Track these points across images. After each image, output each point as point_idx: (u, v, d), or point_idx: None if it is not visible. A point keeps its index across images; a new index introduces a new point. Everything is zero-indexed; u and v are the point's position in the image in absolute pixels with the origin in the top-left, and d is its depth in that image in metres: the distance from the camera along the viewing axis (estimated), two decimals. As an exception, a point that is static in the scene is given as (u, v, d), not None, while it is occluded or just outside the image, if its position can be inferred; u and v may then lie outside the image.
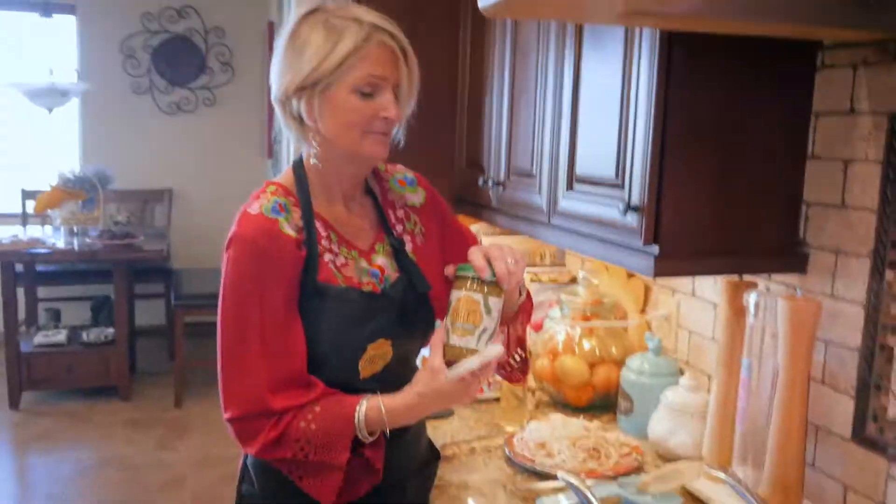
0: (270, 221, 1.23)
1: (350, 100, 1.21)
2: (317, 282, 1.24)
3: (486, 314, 1.19)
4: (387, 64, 1.22)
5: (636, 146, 1.34)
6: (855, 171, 1.32)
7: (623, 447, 1.60)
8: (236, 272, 1.22)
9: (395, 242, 1.34)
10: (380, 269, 1.32)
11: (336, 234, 1.30)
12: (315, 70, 1.20)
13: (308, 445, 1.20)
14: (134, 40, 5.72)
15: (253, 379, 1.21)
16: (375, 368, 1.29)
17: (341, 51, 1.19)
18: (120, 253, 4.46)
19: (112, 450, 3.96)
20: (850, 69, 1.32)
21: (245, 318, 1.21)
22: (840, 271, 1.35)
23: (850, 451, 1.33)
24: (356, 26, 1.20)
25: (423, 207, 1.42)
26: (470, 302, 1.19)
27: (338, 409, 1.21)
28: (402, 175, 1.43)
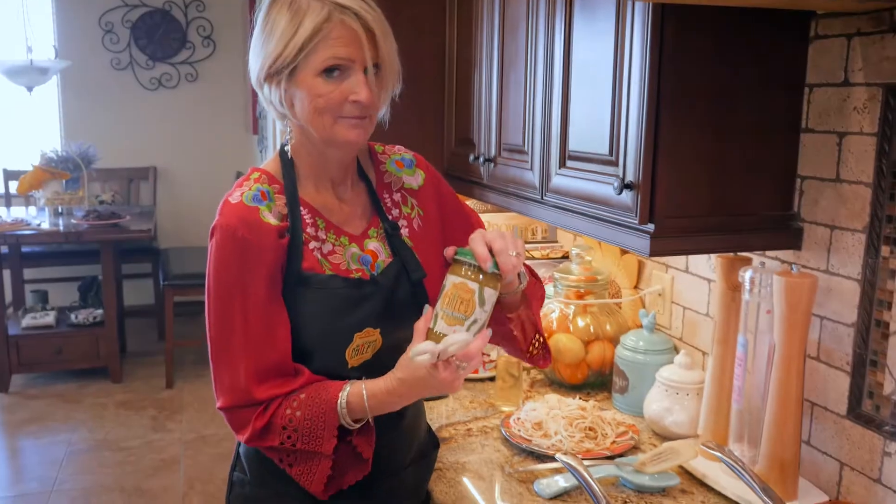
0: (251, 210, 1.21)
1: (317, 84, 1.17)
2: (301, 270, 1.22)
3: (479, 305, 1.15)
4: (351, 44, 1.16)
5: (630, 122, 1.32)
6: (849, 144, 1.30)
7: (619, 426, 1.60)
8: (218, 262, 1.21)
9: (388, 227, 1.31)
10: (372, 255, 1.29)
11: (324, 220, 1.27)
12: (280, 55, 1.16)
13: (294, 433, 1.20)
14: (112, 15, 5.62)
15: (237, 370, 1.20)
16: (365, 357, 1.27)
17: (302, 34, 1.14)
18: (106, 233, 4.42)
19: (104, 432, 3.95)
20: (843, 39, 1.30)
21: (228, 309, 1.20)
22: (835, 246, 1.34)
23: (846, 427, 1.33)
24: (318, 6, 1.15)
25: (422, 189, 1.38)
26: (464, 290, 1.15)
27: (322, 396, 1.20)
28: (401, 157, 1.39)
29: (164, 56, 5.74)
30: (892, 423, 1.24)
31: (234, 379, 1.20)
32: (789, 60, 1.36)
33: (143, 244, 5.26)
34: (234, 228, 1.19)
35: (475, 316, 1.15)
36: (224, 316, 1.21)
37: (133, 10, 5.65)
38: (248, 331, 1.19)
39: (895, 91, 1.21)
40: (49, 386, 4.52)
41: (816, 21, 1.34)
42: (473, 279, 1.15)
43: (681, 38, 1.27)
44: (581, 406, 1.64)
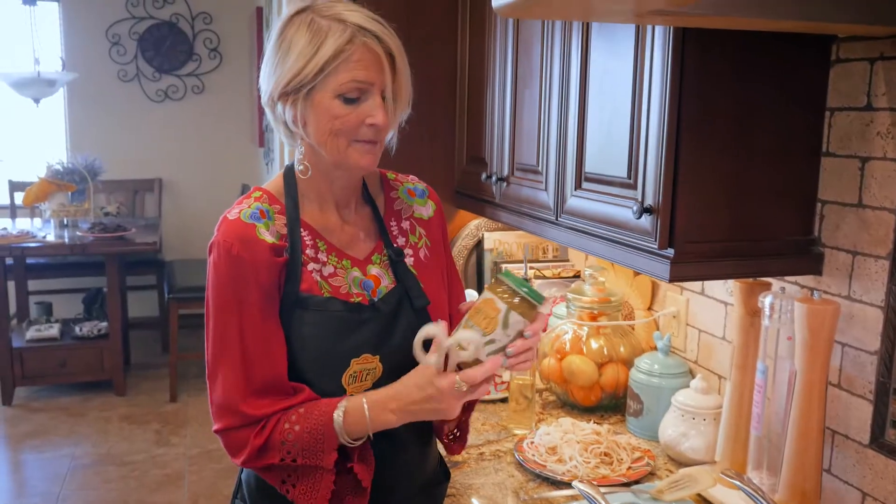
0: (247, 227, 1.20)
1: (334, 106, 1.16)
2: (299, 292, 1.21)
3: (501, 327, 1.12)
4: (371, 68, 1.15)
5: (649, 144, 1.30)
6: (872, 170, 1.28)
7: (634, 451, 1.57)
8: (215, 280, 1.20)
9: (392, 253, 1.29)
10: (374, 280, 1.27)
11: (325, 242, 1.26)
12: (297, 75, 1.15)
13: (294, 448, 1.17)
14: (119, 27, 5.63)
15: (233, 387, 1.18)
16: (364, 385, 1.24)
17: (323, 55, 1.13)
18: (112, 246, 4.40)
19: (108, 446, 3.93)
20: (866, 63, 1.29)
21: (224, 327, 1.19)
22: (857, 272, 1.32)
23: (869, 457, 1.31)
24: (340, 28, 1.14)
25: (431, 221, 1.37)
26: (491, 307, 1.13)
27: (321, 408, 1.18)
28: (413, 186, 1.39)
29: (170, 68, 5.74)
30: (916, 453, 1.22)
31: (230, 398, 1.18)
32: (810, 84, 1.34)
33: (147, 256, 5.25)
34: (230, 245, 1.18)
35: (493, 336, 1.12)
36: (219, 335, 1.20)
37: (140, 22, 5.66)
38: (244, 348, 1.18)
39: (920, 117, 1.19)
40: (52, 399, 4.50)
41: (838, 45, 1.33)
42: (503, 299, 1.13)
43: (702, 60, 1.25)
44: (596, 430, 1.61)
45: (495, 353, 1.13)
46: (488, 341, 1.13)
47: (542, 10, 1.12)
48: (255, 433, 1.18)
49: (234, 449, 1.20)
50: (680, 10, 1.04)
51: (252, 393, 1.18)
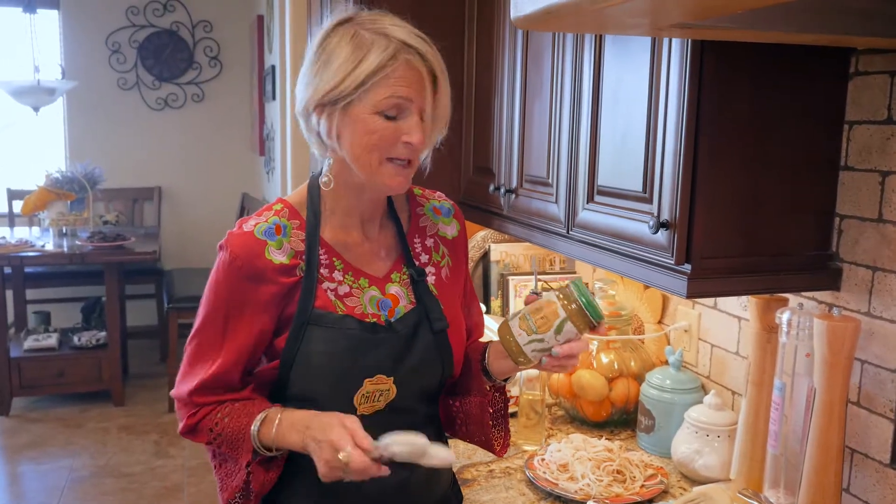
0: (258, 243, 1.19)
1: (371, 121, 1.13)
2: (313, 308, 1.19)
3: (554, 332, 1.17)
4: (413, 85, 1.13)
5: (666, 158, 1.28)
6: (893, 184, 1.26)
7: (647, 469, 1.55)
8: (214, 281, 1.23)
9: (414, 272, 1.27)
10: (392, 299, 1.25)
11: (342, 261, 1.24)
12: (337, 87, 1.13)
13: (219, 437, 1.22)
14: (119, 35, 5.61)
15: (195, 375, 1.23)
16: (377, 406, 1.22)
17: (365, 69, 1.11)
18: (111, 255, 4.37)
19: (106, 457, 3.89)
20: (886, 76, 1.27)
21: (213, 324, 1.23)
22: (877, 288, 1.30)
23: (889, 476, 1.28)
24: (384, 42, 1.12)
25: (456, 240, 1.36)
26: (553, 311, 1.17)
27: (248, 411, 1.21)
28: (440, 204, 1.37)
29: (170, 76, 5.72)
30: (939, 473, 1.20)
31: (189, 382, 1.24)
32: (828, 97, 1.32)
33: (146, 265, 5.22)
34: (235, 257, 1.19)
35: (544, 337, 1.18)
36: (206, 325, 1.23)
37: (140, 30, 5.64)
38: (220, 347, 1.22)
39: (944, 131, 1.17)
40: (50, 409, 4.46)
41: (857, 57, 1.31)
42: (565, 307, 1.17)
43: (719, 73, 1.23)
44: (608, 447, 1.58)
45: (540, 352, 1.19)
46: (538, 339, 1.18)
47: (559, 23, 1.10)
48: (189, 414, 1.24)
49: (180, 418, 1.27)
50: (700, 23, 1.02)
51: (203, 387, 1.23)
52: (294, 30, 3.87)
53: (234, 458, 1.23)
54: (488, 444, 1.36)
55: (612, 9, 0.88)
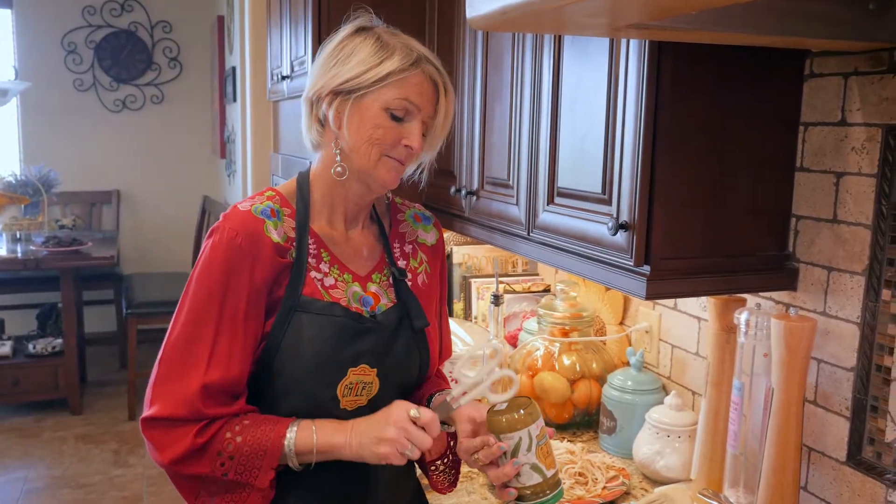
0: (256, 221, 1.20)
1: (380, 116, 1.20)
2: (301, 294, 1.20)
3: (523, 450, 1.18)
4: (425, 95, 1.21)
5: (624, 159, 1.28)
6: (847, 185, 1.28)
7: (609, 471, 1.55)
8: (208, 262, 1.17)
9: (396, 272, 1.30)
10: (373, 297, 1.27)
11: (329, 253, 1.25)
12: (356, 77, 1.19)
13: (230, 461, 1.13)
14: (75, 35, 5.50)
15: (191, 379, 1.13)
16: (359, 401, 1.22)
17: (387, 67, 1.18)
18: (67, 260, 4.28)
19: (63, 468, 3.80)
20: (840, 78, 1.28)
21: (204, 313, 1.15)
22: (832, 288, 1.31)
23: (846, 474, 1.30)
24: (406, 50, 1.21)
25: (435, 248, 1.39)
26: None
27: (269, 424, 1.15)
28: (420, 211, 1.42)
29: (128, 77, 5.63)
30: (894, 470, 1.21)
31: (185, 388, 1.13)
32: (784, 99, 1.33)
33: (105, 270, 5.11)
34: (235, 234, 1.17)
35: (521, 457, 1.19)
36: (197, 320, 1.15)
37: (97, 30, 5.54)
38: (217, 342, 1.15)
39: (895, 132, 1.18)
40: (5, 419, 4.35)
41: (811, 59, 1.32)
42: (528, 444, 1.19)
43: (677, 74, 1.23)
44: (569, 450, 1.58)
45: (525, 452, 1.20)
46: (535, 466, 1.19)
47: (516, 24, 1.10)
48: (196, 431, 1.12)
49: (164, 444, 1.13)
50: (657, 24, 1.02)
51: (207, 389, 1.13)
52: (254, 31, 3.82)
53: (243, 483, 1.14)
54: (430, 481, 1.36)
55: (568, 8, 0.88)
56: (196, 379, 1.13)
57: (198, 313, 1.16)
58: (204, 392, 1.13)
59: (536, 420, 1.19)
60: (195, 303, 1.16)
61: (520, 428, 1.17)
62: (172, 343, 1.16)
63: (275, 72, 2.80)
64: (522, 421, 1.17)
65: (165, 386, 1.14)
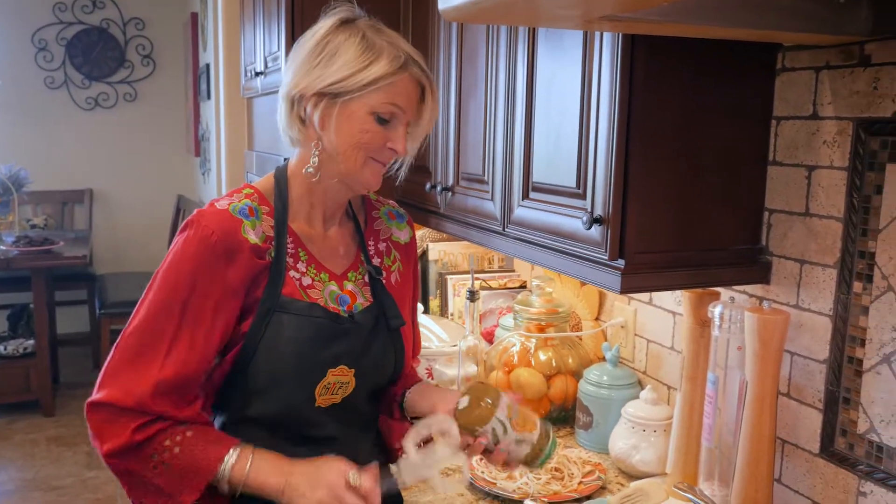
0: (233, 221, 1.17)
1: (366, 120, 1.18)
2: (280, 295, 1.18)
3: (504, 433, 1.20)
4: (411, 97, 1.20)
5: (598, 154, 1.28)
6: (819, 178, 1.28)
7: (585, 465, 1.55)
8: (179, 256, 1.15)
9: (373, 270, 1.29)
10: (350, 296, 1.26)
11: (306, 253, 1.24)
12: (341, 81, 1.16)
13: (163, 467, 1.11)
14: (46, 32, 5.43)
15: (145, 372, 1.11)
16: (334, 399, 1.22)
17: (376, 71, 1.16)
18: (38, 260, 4.21)
19: (35, 470, 3.74)
20: (811, 72, 1.29)
21: (168, 305, 1.13)
22: (805, 281, 1.32)
23: (819, 466, 1.30)
24: (394, 52, 1.19)
25: (408, 246, 1.39)
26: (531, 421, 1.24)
27: (210, 445, 1.13)
28: (394, 209, 1.41)
29: (100, 75, 5.55)
30: (866, 462, 1.22)
31: (137, 379, 1.11)
32: (757, 92, 1.34)
33: (77, 270, 5.05)
34: (210, 232, 1.15)
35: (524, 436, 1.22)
36: (159, 312, 1.13)
37: (68, 27, 5.46)
38: (176, 338, 1.12)
39: (866, 125, 1.19)
40: (-25, 421, 4.28)
41: (783, 54, 1.33)
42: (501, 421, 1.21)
43: (650, 68, 1.24)
44: (546, 445, 1.58)
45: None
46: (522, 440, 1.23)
47: (489, 15, 1.09)
48: (136, 427, 1.10)
49: (104, 432, 1.11)
50: (629, 16, 1.02)
51: (161, 385, 1.11)
52: (227, 27, 3.79)
53: (168, 493, 1.12)
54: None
55: (541, -1, 0.87)
56: (150, 373, 1.11)
57: (161, 306, 1.14)
58: (155, 388, 1.11)
59: (501, 402, 1.21)
60: (160, 295, 1.14)
61: (490, 417, 1.19)
62: (131, 332, 1.14)
63: (248, 68, 2.78)
64: (489, 410, 1.19)
65: (118, 373, 1.12)
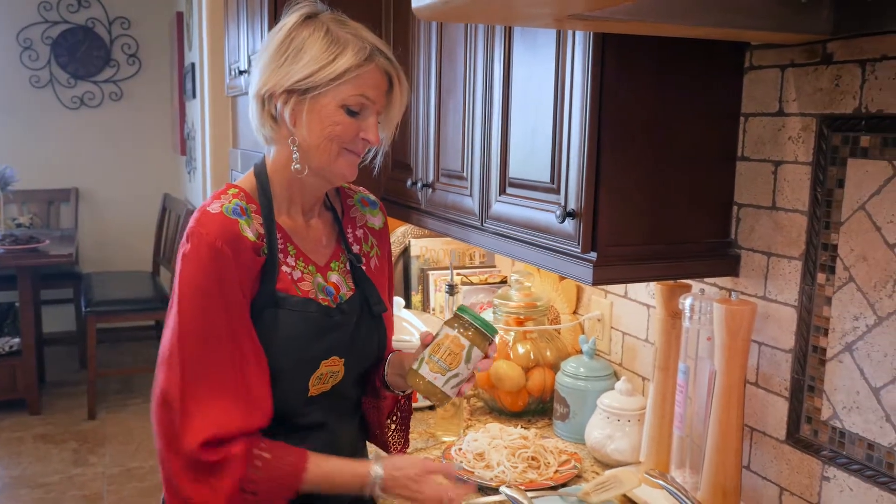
0: (231, 222, 1.18)
1: (336, 114, 1.19)
2: (276, 291, 1.20)
3: (465, 362, 1.21)
4: (379, 88, 1.21)
5: (571, 150, 1.31)
6: (785, 173, 1.32)
7: (561, 455, 1.58)
8: (196, 271, 1.14)
9: (353, 258, 1.32)
10: (334, 287, 1.29)
11: (294, 247, 1.26)
12: (309, 77, 1.17)
13: (253, 497, 1.15)
14: (31, 31, 5.42)
15: (224, 392, 1.12)
16: (324, 388, 1.27)
17: (342, 65, 1.17)
18: (24, 258, 4.22)
19: (21, 467, 3.75)
20: (777, 70, 1.33)
21: (210, 323, 1.13)
22: (772, 273, 1.36)
23: (785, 452, 1.34)
24: (359, 43, 1.19)
25: (382, 231, 1.42)
26: (457, 344, 1.20)
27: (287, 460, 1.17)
28: (366, 195, 1.44)
29: (86, 74, 5.55)
30: (829, 447, 1.26)
31: (234, 399, 1.12)
32: (725, 90, 1.38)
33: (63, 269, 5.05)
34: (214, 238, 1.15)
35: (458, 370, 1.21)
36: (206, 326, 1.12)
37: (53, 26, 5.45)
38: (236, 346, 1.13)
39: (828, 121, 1.23)
40: (-40, 420, 4.28)
41: (751, 52, 1.36)
42: (467, 336, 1.21)
43: (621, 67, 1.27)
44: (523, 435, 1.61)
45: (458, 385, 1.22)
46: (452, 376, 1.21)
47: (463, 13, 1.12)
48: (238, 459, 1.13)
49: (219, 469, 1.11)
50: (597, 14, 1.06)
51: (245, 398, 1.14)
52: (211, 27, 3.80)
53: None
54: (385, 444, 1.42)
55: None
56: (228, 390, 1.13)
57: (205, 319, 1.13)
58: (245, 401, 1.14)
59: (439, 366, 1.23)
60: (197, 308, 1.14)
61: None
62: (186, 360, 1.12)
63: (233, 67, 2.80)
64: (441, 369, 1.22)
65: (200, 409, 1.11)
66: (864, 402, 1.20)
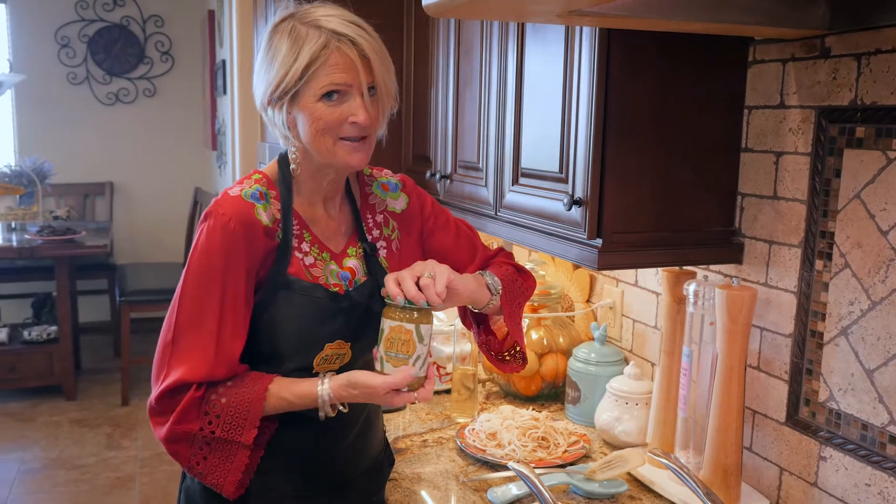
0: (247, 205, 1.25)
1: (317, 108, 1.21)
2: (286, 274, 1.26)
3: (419, 342, 1.21)
4: (348, 70, 1.20)
5: (579, 141, 1.37)
6: (785, 164, 1.37)
7: (571, 436, 1.64)
8: (206, 247, 1.23)
9: (367, 247, 1.36)
10: (350, 272, 1.34)
11: (310, 234, 1.32)
12: (282, 81, 1.21)
13: (216, 420, 1.21)
14: (69, 29, 5.57)
15: (208, 347, 1.21)
16: (332, 367, 1.31)
17: (301, 61, 1.19)
18: (61, 249, 4.36)
19: (58, 450, 3.89)
20: (779, 64, 1.37)
21: (208, 293, 1.22)
22: (773, 260, 1.40)
23: (785, 434, 1.39)
24: (315, 34, 1.19)
25: (405, 214, 1.43)
26: (402, 331, 1.21)
27: (248, 384, 1.23)
28: (387, 180, 1.45)
29: (121, 71, 5.70)
30: (827, 428, 1.30)
31: (205, 354, 1.20)
32: (730, 83, 1.42)
33: (98, 260, 5.20)
34: (228, 219, 1.22)
35: (418, 352, 1.21)
36: (202, 298, 1.22)
37: (90, 24, 5.61)
38: (222, 318, 1.22)
39: (826, 113, 1.28)
40: (1, 404, 4.43)
41: (754, 47, 1.41)
42: (408, 319, 1.21)
43: (627, 61, 1.32)
44: (534, 416, 1.67)
45: (424, 365, 1.23)
46: (415, 359, 1.22)
47: (469, 10, 1.17)
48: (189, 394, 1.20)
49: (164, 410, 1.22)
50: (598, 10, 1.11)
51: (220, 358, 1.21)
52: (241, 24, 3.90)
53: (228, 441, 1.21)
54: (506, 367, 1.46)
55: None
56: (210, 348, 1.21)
57: (202, 292, 1.22)
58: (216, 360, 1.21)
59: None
60: (199, 282, 1.22)
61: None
62: (181, 320, 1.22)
63: (261, 63, 2.88)
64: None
65: (182, 355, 1.21)
66: (858, 383, 1.24)
